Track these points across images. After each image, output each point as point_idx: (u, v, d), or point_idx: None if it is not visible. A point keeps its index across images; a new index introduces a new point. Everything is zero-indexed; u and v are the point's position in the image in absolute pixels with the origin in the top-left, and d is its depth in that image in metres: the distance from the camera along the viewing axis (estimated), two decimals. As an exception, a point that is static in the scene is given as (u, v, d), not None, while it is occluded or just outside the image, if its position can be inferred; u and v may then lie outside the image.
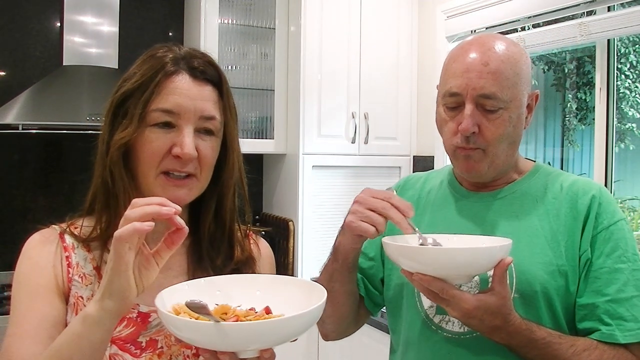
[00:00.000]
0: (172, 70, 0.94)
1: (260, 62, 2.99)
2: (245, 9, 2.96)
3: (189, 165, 0.94)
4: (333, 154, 2.91)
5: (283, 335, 0.77)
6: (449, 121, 1.11)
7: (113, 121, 0.95)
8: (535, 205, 1.14)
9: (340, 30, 2.90)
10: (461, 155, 1.12)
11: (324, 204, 2.89)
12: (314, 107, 2.86)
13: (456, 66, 1.10)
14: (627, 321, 1.03)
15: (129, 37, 2.93)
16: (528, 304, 1.06)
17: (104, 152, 0.95)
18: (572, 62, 4.25)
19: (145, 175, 0.94)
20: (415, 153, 3.10)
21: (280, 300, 0.86)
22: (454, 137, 1.11)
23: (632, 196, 3.41)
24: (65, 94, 2.59)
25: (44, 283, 0.93)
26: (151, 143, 0.92)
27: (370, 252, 1.28)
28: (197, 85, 0.95)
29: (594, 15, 2.30)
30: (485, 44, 1.10)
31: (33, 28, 2.83)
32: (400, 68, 3.05)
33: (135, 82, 0.94)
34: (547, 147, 4.07)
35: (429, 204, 1.25)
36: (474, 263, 0.96)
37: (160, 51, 0.97)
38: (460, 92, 1.08)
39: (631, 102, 3.90)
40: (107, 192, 0.95)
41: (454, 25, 2.88)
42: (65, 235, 0.98)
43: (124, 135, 0.92)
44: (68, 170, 2.90)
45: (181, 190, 0.94)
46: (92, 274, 0.96)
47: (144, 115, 0.92)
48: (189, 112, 0.93)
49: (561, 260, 1.07)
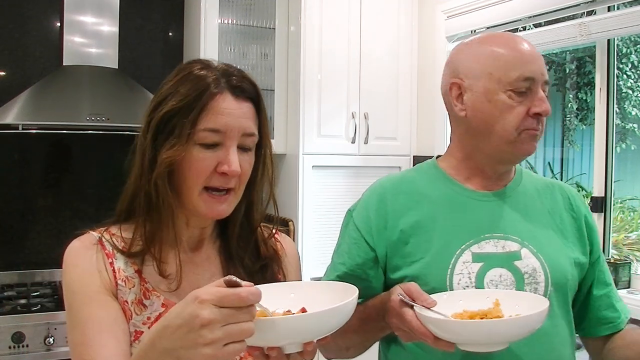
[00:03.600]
0: (217, 91, 0.97)
1: (260, 62, 2.99)
2: (245, 9, 2.95)
3: (232, 181, 0.98)
4: (333, 154, 2.91)
5: (326, 327, 0.83)
6: (517, 106, 1.14)
7: (156, 137, 0.97)
8: (536, 204, 1.22)
9: (340, 30, 2.90)
10: (529, 137, 1.15)
11: (324, 204, 2.89)
12: (314, 107, 2.85)
13: (521, 54, 1.15)
14: (619, 301, 1.26)
15: (129, 37, 2.93)
16: (560, 296, 1.15)
17: (147, 166, 0.97)
18: (572, 62, 4.25)
19: (190, 191, 0.97)
20: (415, 153, 3.09)
21: (314, 303, 0.89)
22: (523, 120, 1.14)
23: (632, 196, 3.41)
24: (65, 94, 2.59)
25: (96, 288, 0.96)
26: (199, 162, 0.96)
27: (361, 274, 1.21)
28: (238, 104, 0.98)
29: (594, 15, 2.29)
30: (524, 39, 1.22)
31: (33, 28, 2.83)
32: (400, 68, 3.05)
33: (180, 102, 0.96)
34: (547, 147, 4.07)
35: (438, 207, 1.20)
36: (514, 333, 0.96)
37: (197, 68, 1.00)
38: (535, 76, 1.13)
39: (633, 102, 3.89)
40: (150, 204, 0.98)
41: (454, 25, 2.88)
42: (104, 241, 1.00)
43: (173, 155, 0.95)
44: (68, 170, 2.91)
45: (222, 205, 0.99)
46: (135, 277, 0.99)
47: (192, 135, 0.95)
48: (234, 131, 0.97)
49: (574, 254, 1.19)
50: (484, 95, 1.16)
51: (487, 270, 1.13)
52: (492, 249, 1.15)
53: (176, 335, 0.74)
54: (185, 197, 0.99)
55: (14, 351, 2.23)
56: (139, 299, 0.98)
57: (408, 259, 1.17)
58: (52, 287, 2.63)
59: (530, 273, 1.13)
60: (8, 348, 2.23)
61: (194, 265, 1.05)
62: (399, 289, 1.05)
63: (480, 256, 1.14)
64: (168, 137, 0.96)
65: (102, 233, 1.01)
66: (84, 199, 2.88)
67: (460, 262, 1.14)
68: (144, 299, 0.98)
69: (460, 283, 1.13)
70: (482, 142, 1.18)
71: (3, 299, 2.46)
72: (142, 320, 0.97)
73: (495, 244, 1.15)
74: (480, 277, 1.13)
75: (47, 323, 2.28)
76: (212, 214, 0.99)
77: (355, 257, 1.22)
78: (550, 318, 1.08)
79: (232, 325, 0.72)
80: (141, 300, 0.98)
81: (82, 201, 2.88)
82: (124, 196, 1.02)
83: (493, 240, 1.16)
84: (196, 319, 0.71)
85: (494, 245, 1.15)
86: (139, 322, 0.97)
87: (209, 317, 0.71)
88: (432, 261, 1.15)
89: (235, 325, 0.72)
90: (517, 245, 1.15)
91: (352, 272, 1.21)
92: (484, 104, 1.16)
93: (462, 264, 1.14)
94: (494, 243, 1.15)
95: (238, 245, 1.07)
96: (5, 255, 2.74)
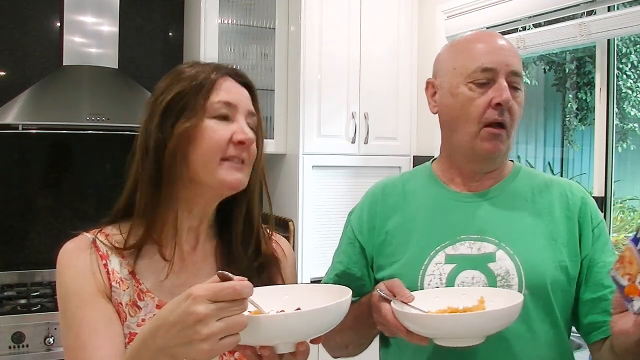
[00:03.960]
0: (220, 75, 1.02)
1: (260, 62, 2.99)
2: (245, 9, 2.95)
3: (245, 152, 1.00)
4: (333, 154, 2.91)
5: (317, 327, 0.84)
6: (478, 97, 1.12)
7: (165, 119, 0.99)
8: (525, 204, 1.18)
9: (340, 30, 2.90)
10: (489, 134, 1.12)
11: (324, 204, 2.89)
12: (314, 107, 2.85)
13: (485, 45, 1.15)
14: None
15: (129, 37, 2.93)
16: (538, 299, 1.10)
17: (161, 144, 0.98)
18: (572, 62, 4.25)
19: (208, 163, 0.98)
20: (415, 153, 3.09)
21: (309, 304, 0.89)
22: (483, 113, 1.12)
23: (632, 196, 3.41)
24: (65, 94, 2.59)
25: (90, 290, 0.96)
26: (215, 132, 0.98)
27: (357, 273, 1.24)
28: (239, 86, 1.05)
29: (594, 15, 2.29)
30: (496, 34, 1.19)
31: (33, 28, 2.83)
32: (400, 68, 3.05)
33: (187, 85, 1.00)
34: (547, 147, 4.07)
35: (419, 209, 1.22)
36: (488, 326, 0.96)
37: (188, 68, 1.04)
38: (495, 67, 1.12)
39: (633, 102, 3.90)
40: (159, 183, 0.98)
41: (454, 25, 2.88)
42: (98, 242, 1.00)
43: (189, 126, 0.97)
44: (68, 170, 2.90)
45: (240, 174, 1.01)
46: (129, 278, 0.98)
47: (205, 107, 0.99)
48: (243, 106, 1.02)
49: (561, 256, 1.13)
50: (449, 91, 1.17)
51: (459, 271, 1.12)
52: (467, 251, 1.14)
53: (171, 333, 0.74)
54: (203, 172, 0.99)
55: (14, 351, 2.23)
56: (133, 301, 0.97)
57: (390, 259, 1.19)
58: (52, 287, 2.63)
59: (503, 275, 1.11)
60: (8, 348, 2.23)
61: (191, 263, 1.04)
62: (381, 284, 1.07)
63: (454, 257, 1.13)
64: (179, 116, 0.98)
65: (95, 234, 1.01)
66: (84, 199, 2.88)
67: (433, 263, 1.14)
68: (139, 301, 0.98)
69: (431, 284, 1.13)
70: (452, 139, 1.19)
71: (3, 299, 2.46)
72: (136, 322, 0.97)
73: (471, 246, 1.14)
74: (451, 279, 1.12)
75: (47, 323, 2.28)
76: (232, 181, 0.99)
77: (350, 256, 1.25)
78: (525, 322, 1.07)
79: (227, 319, 0.73)
80: (135, 302, 0.97)
81: (82, 201, 2.88)
82: (123, 193, 1.02)
83: (469, 241, 1.14)
84: (191, 316, 0.72)
85: (469, 246, 1.14)
86: (134, 324, 0.97)
87: (204, 312, 0.71)
88: (407, 262, 1.16)
89: (230, 319, 0.73)
90: (493, 247, 1.13)
91: (348, 270, 1.24)
92: (449, 99, 1.17)
93: (435, 265, 1.14)
94: (469, 244, 1.14)
95: (241, 245, 1.06)
96: (5, 255, 2.74)
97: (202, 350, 0.73)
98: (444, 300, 1.05)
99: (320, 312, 0.83)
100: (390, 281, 1.07)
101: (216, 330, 0.72)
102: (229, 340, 0.74)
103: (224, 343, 0.73)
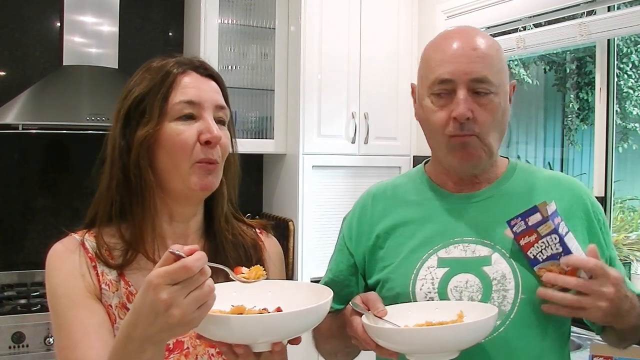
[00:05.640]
0: (181, 70, 0.99)
1: (260, 62, 2.99)
2: (245, 9, 2.95)
3: (215, 151, 0.97)
4: (333, 154, 2.91)
5: (292, 329, 0.84)
6: (438, 111, 1.08)
7: (127, 124, 0.97)
8: (521, 203, 1.08)
9: (340, 30, 2.90)
10: (457, 144, 1.07)
11: (324, 204, 2.89)
12: (314, 107, 2.85)
13: (442, 54, 1.09)
14: None
15: (129, 37, 2.93)
16: (535, 304, 1.04)
17: (118, 156, 0.97)
18: (573, 62, 4.24)
19: (179, 168, 0.96)
20: (415, 153, 3.09)
21: (292, 303, 0.90)
22: (445, 126, 1.07)
23: (632, 196, 3.41)
24: (65, 94, 2.59)
25: (80, 291, 0.95)
26: (179, 135, 0.95)
27: (344, 280, 1.22)
28: (204, 79, 1.01)
29: (594, 15, 2.29)
30: (467, 33, 1.11)
31: (33, 28, 2.83)
32: (400, 68, 3.05)
33: (147, 86, 0.97)
34: (547, 147, 4.07)
35: (411, 212, 1.18)
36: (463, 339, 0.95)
37: (156, 61, 1.02)
38: (452, 77, 1.06)
39: (634, 102, 3.89)
40: (129, 192, 0.97)
41: (454, 25, 2.87)
42: (87, 244, 0.99)
43: (146, 131, 0.95)
44: (68, 170, 2.90)
45: (211, 176, 0.98)
46: (117, 280, 0.98)
47: (165, 111, 0.95)
48: (208, 102, 0.98)
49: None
50: (419, 101, 1.16)
51: (453, 275, 1.08)
52: (460, 254, 1.09)
53: (148, 323, 0.75)
54: (173, 178, 0.97)
55: (14, 351, 2.23)
56: (122, 303, 0.96)
57: (381, 264, 1.16)
58: (52, 287, 2.63)
59: (499, 279, 1.06)
60: (8, 348, 2.23)
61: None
62: (357, 297, 1.06)
63: (446, 261, 1.09)
64: (140, 120, 0.96)
65: (84, 235, 1.00)
66: (84, 199, 2.86)
67: (425, 267, 1.10)
68: (128, 303, 0.96)
69: (423, 289, 1.09)
70: (431, 147, 1.17)
71: (3, 299, 2.46)
72: None
73: (465, 249, 1.09)
74: (443, 283, 1.08)
75: (47, 323, 2.27)
76: (203, 185, 0.97)
77: (339, 264, 1.23)
78: (517, 328, 1.04)
79: (193, 293, 0.74)
80: (125, 304, 0.97)
81: (82, 201, 2.87)
82: (99, 197, 1.02)
83: (463, 244, 1.10)
84: (158, 303, 0.73)
85: (463, 249, 1.09)
86: None
87: (169, 297, 0.73)
88: (398, 266, 1.13)
89: (197, 291, 0.74)
90: (488, 250, 1.08)
91: (336, 278, 1.22)
92: (419, 109, 1.16)
93: (427, 269, 1.10)
94: (463, 247, 1.10)
95: (225, 239, 1.06)
96: (5, 255, 2.73)
97: (182, 329, 0.75)
98: (419, 315, 1.03)
99: (297, 315, 0.83)
100: (366, 294, 1.06)
101: (188, 307, 0.74)
102: (204, 308, 0.76)
103: (200, 312, 0.75)
